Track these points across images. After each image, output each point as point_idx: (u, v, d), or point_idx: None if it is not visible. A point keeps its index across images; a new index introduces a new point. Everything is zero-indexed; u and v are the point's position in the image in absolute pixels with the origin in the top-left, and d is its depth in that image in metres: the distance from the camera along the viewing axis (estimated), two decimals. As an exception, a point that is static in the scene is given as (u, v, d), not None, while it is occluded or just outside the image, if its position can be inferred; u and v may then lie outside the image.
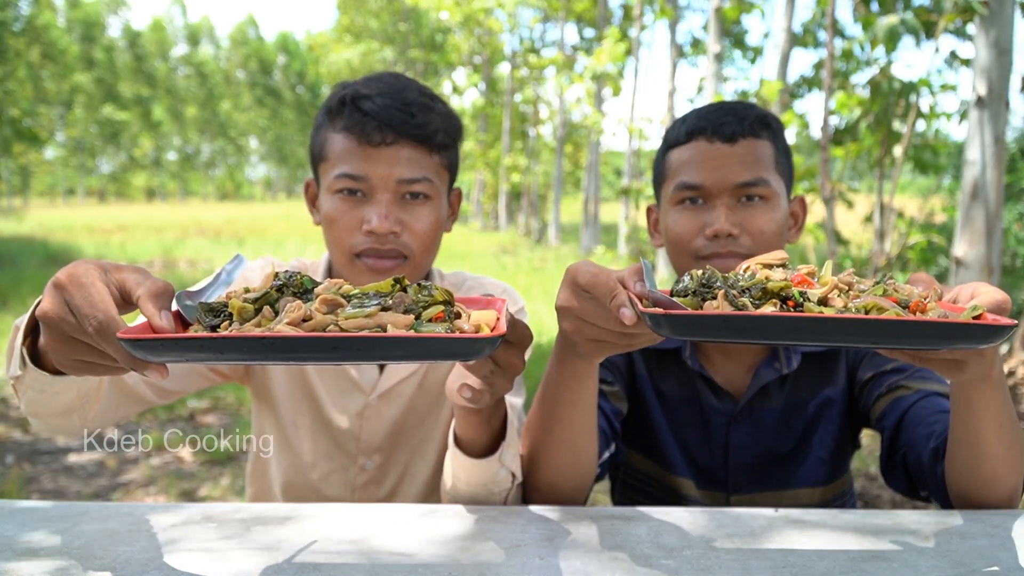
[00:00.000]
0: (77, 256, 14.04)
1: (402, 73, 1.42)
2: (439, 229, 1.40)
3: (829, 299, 0.82)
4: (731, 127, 1.36)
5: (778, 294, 0.82)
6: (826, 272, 0.89)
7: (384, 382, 1.47)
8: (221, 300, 0.83)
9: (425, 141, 1.34)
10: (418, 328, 0.76)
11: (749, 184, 1.35)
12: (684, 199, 1.39)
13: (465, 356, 0.76)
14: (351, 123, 1.33)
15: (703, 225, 1.36)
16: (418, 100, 1.35)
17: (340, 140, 1.34)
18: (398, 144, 1.33)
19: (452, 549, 1.03)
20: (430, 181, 1.36)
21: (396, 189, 1.34)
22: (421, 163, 1.35)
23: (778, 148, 1.41)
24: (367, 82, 1.38)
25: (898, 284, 0.88)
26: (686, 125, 1.41)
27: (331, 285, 0.83)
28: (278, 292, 0.82)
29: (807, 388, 1.44)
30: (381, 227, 1.31)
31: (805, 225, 1.50)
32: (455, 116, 1.42)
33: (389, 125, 1.32)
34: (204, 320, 0.81)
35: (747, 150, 1.36)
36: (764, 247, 1.34)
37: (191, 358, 0.74)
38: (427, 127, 1.34)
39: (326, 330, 0.75)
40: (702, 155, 1.37)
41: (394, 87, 1.36)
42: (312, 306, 0.79)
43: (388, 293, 0.81)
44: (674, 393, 1.46)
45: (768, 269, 0.90)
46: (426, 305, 0.81)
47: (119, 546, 1.03)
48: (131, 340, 0.74)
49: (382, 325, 0.76)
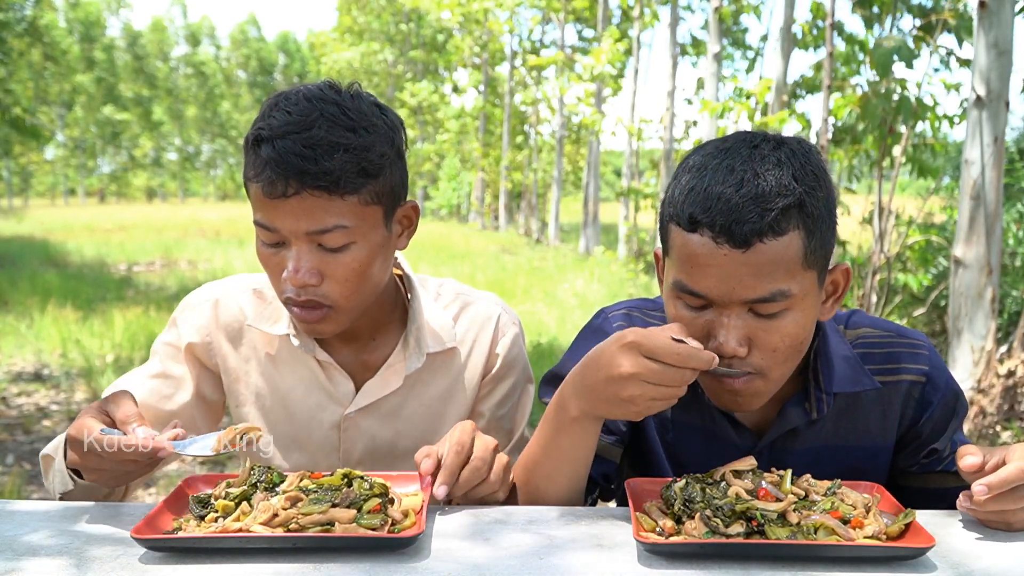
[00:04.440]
0: (77, 256, 14.04)
1: (329, 90, 1.23)
2: (369, 267, 1.26)
3: (787, 514, 1.03)
4: (746, 227, 1.04)
5: (744, 514, 1.02)
6: (785, 480, 1.10)
7: (362, 398, 1.41)
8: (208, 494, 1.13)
9: (331, 188, 1.18)
10: (359, 520, 1.03)
11: (762, 300, 1.08)
12: (684, 299, 1.14)
13: (390, 549, 1.01)
14: (254, 171, 1.21)
15: (706, 334, 1.12)
16: (324, 139, 1.17)
17: (250, 183, 1.23)
18: (300, 195, 1.18)
19: (452, 549, 1.03)
20: (344, 227, 1.21)
21: (307, 239, 1.22)
22: (330, 211, 1.20)
23: (812, 232, 1.08)
24: (276, 112, 1.21)
25: (845, 493, 1.10)
26: (691, 202, 1.08)
27: (295, 479, 1.11)
28: (253, 487, 1.11)
29: (844, 435, 1.29)
30: (294, 280, 1.22)
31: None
32: (382, 139, 1.23)
33: (287, 175, 1.17)
34: (194, 510, 1.09)
35: (764, 257, 1.05)
36: (779, 362, 1.13)
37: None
38: (330, 174, 1.17)
39: (288, 525, 1.02)
40: (705, 259, 1.07)
41: (301, 122, 1.18)
42: (279, 501, 1.05)
43: (338, 487, 1.09)
44: (687, 422, 1.32)
45: (738, 478, 1.11)
46: (367, 497, 1.07)
47: (119, 546, 1.03)
48: (145, 540, 1.00)
49: (331, 521, 1.02)
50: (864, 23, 6.28)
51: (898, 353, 1.29)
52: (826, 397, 1.24)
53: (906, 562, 0.98)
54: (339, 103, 1.21)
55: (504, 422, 1.49)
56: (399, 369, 1.41)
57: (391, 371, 1.41)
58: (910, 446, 1.31)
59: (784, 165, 1.08)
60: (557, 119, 18.95)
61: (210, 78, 60.10)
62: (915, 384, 1.28)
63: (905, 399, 1.28)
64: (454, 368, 1.45)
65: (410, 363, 1.40)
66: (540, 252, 16.66)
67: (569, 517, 1.15)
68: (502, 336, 1.47)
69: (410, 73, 32.15)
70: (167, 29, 59.98)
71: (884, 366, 1.28)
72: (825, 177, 1.12)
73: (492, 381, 1.47)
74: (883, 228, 5.50)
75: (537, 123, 22.62)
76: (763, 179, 1.06)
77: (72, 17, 48.64)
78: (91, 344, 6.61)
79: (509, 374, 1.48)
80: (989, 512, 1.06)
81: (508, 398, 1.48)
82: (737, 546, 0.99)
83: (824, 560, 0.98)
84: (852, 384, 1.25)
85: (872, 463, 1.30)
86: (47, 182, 57.12)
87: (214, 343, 1.44)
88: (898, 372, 1.28)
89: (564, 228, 23.87)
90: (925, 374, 1.27)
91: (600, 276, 11.86)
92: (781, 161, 1.08)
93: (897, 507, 1.08)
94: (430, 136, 31.26)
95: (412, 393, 1.44)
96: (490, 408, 1.47)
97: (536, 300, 9.48)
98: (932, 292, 6.27)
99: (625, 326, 1.33)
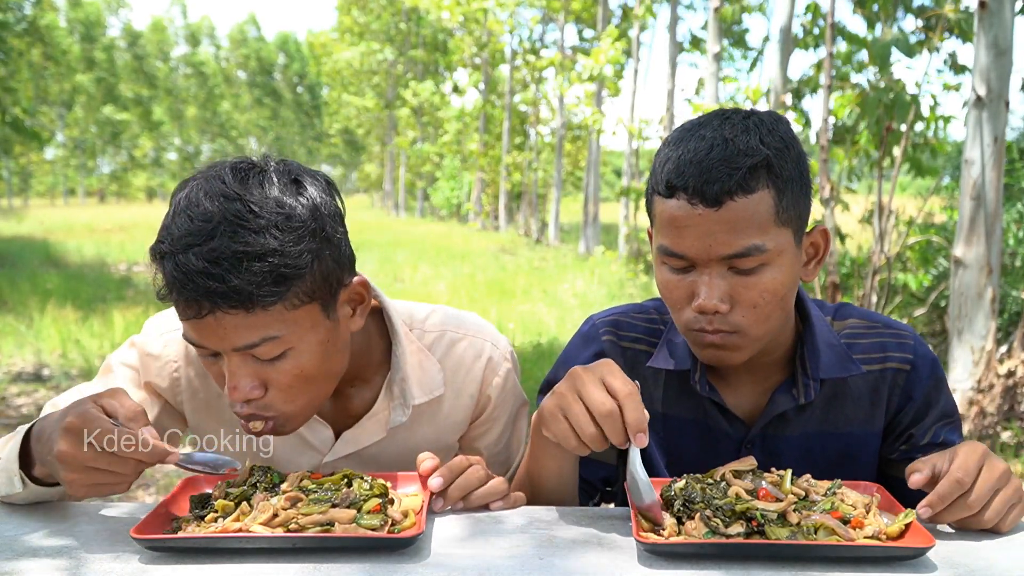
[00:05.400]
0: (77, 256, 14.03)
1: (233, 180, 1.07)
2: (316, 369, 1.14)
3: (787, 514, 1.03)
4: (716, 186, 1.11)
5: (744, 515, 1.03)
6: (785, 480, 1.11)
7: (342, 447, 1.34)
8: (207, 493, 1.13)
9: (247, 304, 1.04)
10: (359, 521, 1.03)
11: (738, 256, 1.13)
12: (668, 263, 1.20)
13: (390, 550, 1.01)
14: (165, 289, 1.08)
15: (691, 294, 1.17)
16: (228, 251, 1.03)
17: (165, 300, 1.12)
18: (214, 315, 1.05)
19: (452, 549, 1.03)
20: (274, 338, 1.08)
21: (239, 354, 1.09)
22: (253, 325, 1.06)
23: (782, 191, 1.15)
24: (179, 216, 1.06)
25: (845, 493, 1.10)
26: (667, 170, 1.16)
27: (295, 479, 1.11)
28: (252, 487, 1.10)
29: (834, 421, 1.32)
30: (234, 397, 1.11)
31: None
32: (299, 232, 1.07)
33: (196, 296, 1.04)
34: (194, 510, 1.09)
35: (735, 213, 1.12)
36: (760, 319, 1.17)
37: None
38: (241, 292, 1.03)
39: (288, 525, 1.02)
40: (683, 220, 1.14)
41: (202, 229, 1.03)
42: (279, 501, 1.05)
43: (338, 487, 1.09)
44: (679, 416, 1.36)
45: (738, 478, 1.12)
46: (367, 497, 1.07)
47: (119, 546, 1.03)
48: (146, 539, 1.00)
49: (331, 521, 1.02)
50: (867, 23, 6.28)
51: (884, 342, 1.32)
52: (813, 383, 1.28)
53: (906, 562, 0.98)
54: (244, 199, 1.05)
55: (501, 455, 1.46)
56: (382, 420, 1.33)
57: (373, 421, 1.33)
58: (893, 433, 1.34)
59: (752, 131, 1.15)
60: (557, 119, 18.95)
61: (210, 78, 60.08)
62: (899, 372, 1.31)
63: (891, 386, 1.31)
64: (441, 414, 1.38)
65: (395, 416, 1.32)
66: (540, 252, 16.66)
67: (569, 517, 1.15)
68: (494, 377, 1.39)
69: (411, 73, 32.14)
70: (167, 29, 59.96)
71: (871, 355, 1.31)
72: (794, 143, 1.19)
73: (486, 422, 1.42)
74: (883, 228, 5.50)
75: (537, 123, 22.62)
76: (732, 143, 1.13)
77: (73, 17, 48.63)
78: (91, 344, 6.62)
79: (503, 413, 1.43)
80: (951, 522, 1.08)
81: (503, 434, 1.45)
82: (737, 546, 0.99)
83: (824, 560, 0.98)
84: (838, 370, 1.28)
85: (862, 449, 1.33)
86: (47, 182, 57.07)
87: (183, 379, 1.34)
88: (884, 360, 1.31)
89: (564, 228, 23.86)
90: (910, 362, 1.31)
91: (600, 276, 11.86)
92: (749, 128, 1.15)
93: (897, 507, 1.08)
94: (430, 136, 31.28)
95: (395, 441, 1.36)
96: (488, 446, 1.44)
97: (536, 300, 9.49)
98: (932, 292, 6.28)
99: (613, 333, 1.39)
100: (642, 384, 1.36)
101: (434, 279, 11.27)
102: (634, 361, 1.37)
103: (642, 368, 1.36)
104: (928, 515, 1.06)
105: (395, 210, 36.87)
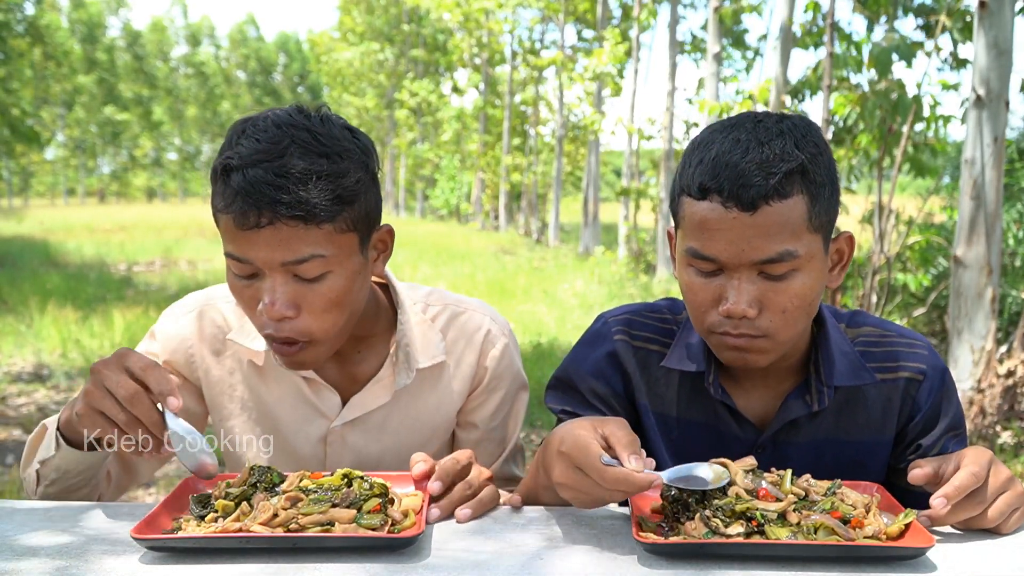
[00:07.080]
0: (77, 256, 14.04)
1: (299, 115, 1.19)
2: (346, 296, 1.23)
3: (787, 514, 1.03)
4: (752, 191, 1.09)
5: (744, 514, 1.03)
6: (785, 480, 1.10)
7: (349, 412, 1.40)
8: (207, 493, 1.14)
9: (307, 217, 1.14)
10: (359, 520, 1.04)
11: (770, 261, 1.12)
12: (696, 265, 1.18)
13: (390, 549, 1.01)
14: (224, 201, 1.16)
15: (717, 297, 1.16)
16: (297, 167, 1.13)
17: (220, 215, 1.19)
18: (273, 225, 1.14)
19: (452, 549, 1.03)
20: (321, 256, 1.17)
21: (282, 270, 1.18)
22: (305, 240, 1.16)
23: (815, 197, 1.13)
24: (244, 139, 1.16)
25: (845, 493, 1.10)
26: (700, 172, 1.14)
27: (295, 479, 1.12)
28: (252, 487, 1.11)
29: (845, 428, 1.31)
30: (271, 313, 1.18)
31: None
32: (356, 164, 1.20)
33: (260, 206, 1.13)
34: (194, 511, 1.10)
35: (770, 218, 1.10)
36: (787, 324, 1.16)
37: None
38: (305, 203, 1.13)
39: (288, 525, 1.02)
40: (715, 223, 1.12)
41: (272, 150, 1.14)
42: (279, 501, 1.05)
43: (338, 487, 1.09)
44: (691, 419, 1.34)
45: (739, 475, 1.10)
46: (367, 497, 1.07)
47: (119, 546, 1.03)
48: (145, 540, 1.00)
49: (331, 521, 1.03)
50: (867, 23, 6.28)
51: (898, 351, 1.31)
52: (827, 390, 1.27)
53: (906, 562, 0.98)
54: (310, 128, 1.17)
55: (496, 432, 1.48)
56: (388, 384, 1.39)
57: (379, 385, 1.39)
58: (903, 443, 1.33)
59: (787, 135, 1.14)
60: (557, 119, 18.95)
61: (210, 78, 60.11)
62: (912, 381, 1.30)
63: (903, 396, 1.30)
64: (443, 381, 1.44)
65: (399, 379, 1.38)
66: (540, 252, 16.66)
67: (569, 517, 1.15)
68: (491, 348, 1.44)
69: (411, 73, 32.13)
70: (167, 29, 60.01)
71: (884, 364, 1.31)
72: (826, 149, 1.18)
73: (483, 393, 1.46)
74: (883, 228, 5.50)
75: (537, 123, 22.63)
76: (767, 147, 1.11)
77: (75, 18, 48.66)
78: (91, 344, 6.62)
79: (499, 386, 1.46)
80: (955, 522, 1.08)
81: (500, 410, 1.47)
82: (737, 546, 0.99)
83: (824, 560, 0.98)
84: (852, 378, 1.27)
85: (872, 458, 1.32)
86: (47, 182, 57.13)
87: (197, 356, 1.42)
88: (897, 370, 1.30)
89: (564, 228, 23.87)
90: (923, 372, 1.30)
91: (600, 276, 11.86)
92: (783, 132, 1.14)
93: (897, 507, 1.08)
94: (430, 136, 31.27)
95: (400, 406, 1.42)
96: (483, 420, 1.47)
97: (536, 300, 9.49)
98: (932, 292, 6.28)
99: (625, 332, 1.36)
100: (652, 384, 1.35)
101: (434, 279, 11.27)
102: (646, 361, 1.35)
103: (654, 368, 1.35)
104: (943, 506, 1.05)
105: (395, 210, 36.89)
